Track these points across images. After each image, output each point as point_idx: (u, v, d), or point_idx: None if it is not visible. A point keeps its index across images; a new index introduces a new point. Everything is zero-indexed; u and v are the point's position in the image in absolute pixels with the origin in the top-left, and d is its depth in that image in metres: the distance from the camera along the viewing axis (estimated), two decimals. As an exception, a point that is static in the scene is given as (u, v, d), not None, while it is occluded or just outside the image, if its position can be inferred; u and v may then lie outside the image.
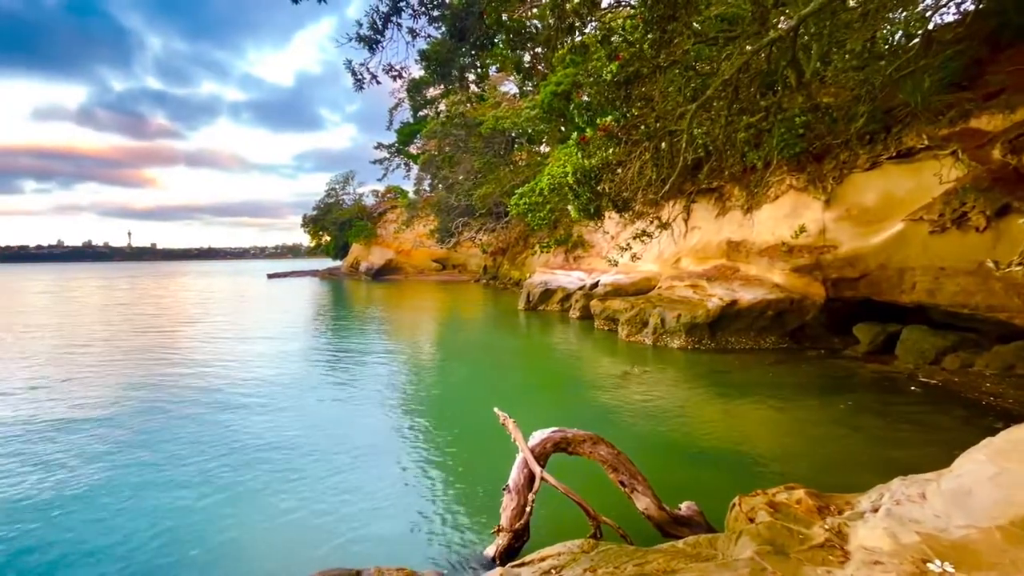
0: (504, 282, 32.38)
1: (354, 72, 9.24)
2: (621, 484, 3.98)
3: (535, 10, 11.24)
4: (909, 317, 9.99)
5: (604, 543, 3.26)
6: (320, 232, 53.01)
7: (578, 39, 10.02)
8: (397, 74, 9.63)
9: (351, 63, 9.18)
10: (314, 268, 56.49)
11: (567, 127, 19.52)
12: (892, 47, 8.43)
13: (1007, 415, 6.67)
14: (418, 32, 9.32)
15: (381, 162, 46.48)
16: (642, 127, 8.18)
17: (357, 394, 8.66)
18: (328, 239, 52.92)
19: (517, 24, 9.97)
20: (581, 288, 18.59)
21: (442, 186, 39.03)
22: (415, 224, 43.73)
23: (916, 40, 7.97)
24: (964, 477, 2.58)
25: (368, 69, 9.24)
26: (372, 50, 9.04)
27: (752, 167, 11.65)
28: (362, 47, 8.97)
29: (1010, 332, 8.36)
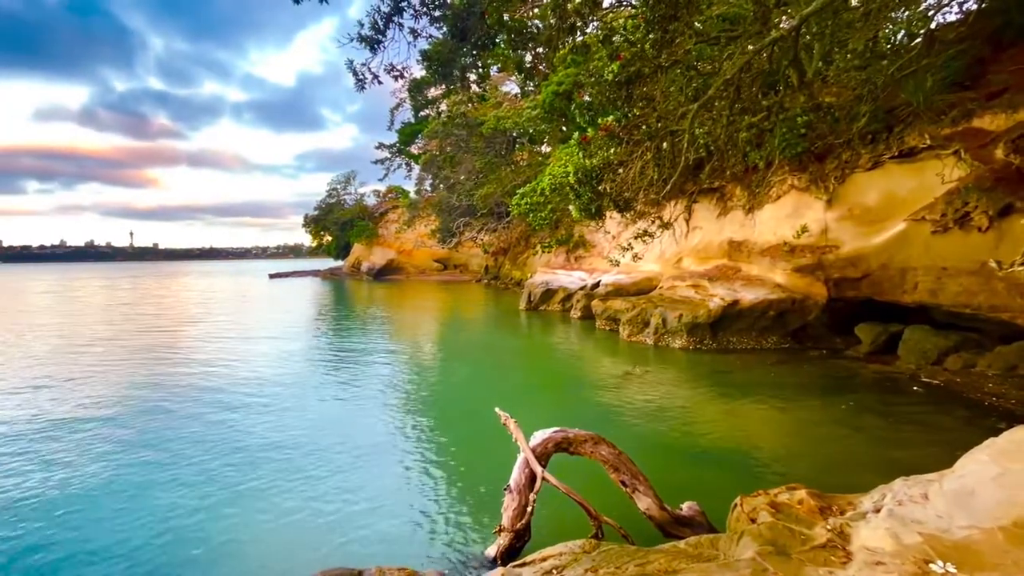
0: (505, 282, 32.38)
1: (356, 72, 9.24)
2: (622, 484, 3.98)
3: (536, 10, 11.24)
4: (911, 317, 9.97)
5: (605, 543, 3.26)
6: (322, 232, 53.09)
7: (579, 39, 10.03)
8: (398, 74, 9.63)
9: (353, 63, 9.17)
10: (316, 268, 56.57)
11: (568, 127, 19.52)
12: (894, 46, 8.41)
13: (1010, 415, 6.65)
14: (419, 32, 9.32)
15: (382, 162, 46.58)
16: (643, 127, 8.17)
17: (359, 394, 8.67)
18: (330, 239, 53.00)
19: (518, 24, 9.96)
20: (582, 288, 18.58)
21: (443, 186, 39.07)
22: (416, 224, 43.78)
23: (918, 39, 7.95)
24: (967, 478, 2.58)
25: (370, 69, 9.24)
26: (373, 50, 9.04)
27: (754, 167, 11.63)
28: (364, 47, 8.96)
29: (1013, 332, 8.33)
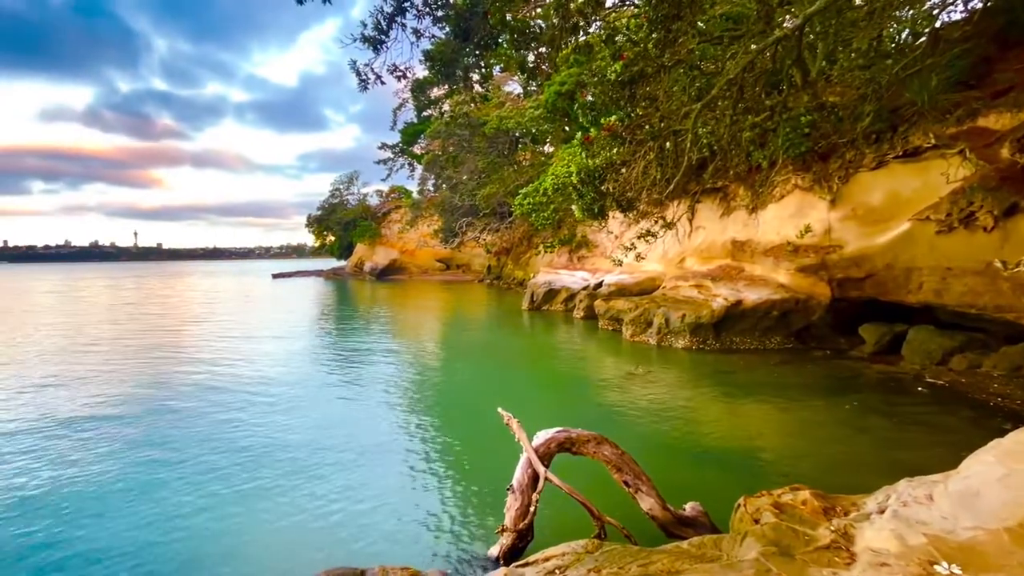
0: (508, 282, 32.38)
1: (359, 72, 9.26)
2: (625, 484, 3.98)
3: (539, 10, 11.23)
4: (915, 317, 9.92)
5: (608, 543, 3.25)
6: (324, 232, 53.21)
7: (582, 39, 9.99)
8: (401, 74, 9.64)
9: (356, 64, 9.19)
10: (319, 268, 56.72)
11: (571, 127, 19.51)
12: (899, 45, 8.38)
13: (1015, 416, 6.61)
14: (422, 32, 9.33)
15: (385, 162, 46.64)
16: (646, 127, 8.16)
17: (362, 393, 8.69)
18: (332, 239, 53.11)
19: (521, 24, 9.96)
20: (585, 288, 18.56)
21: (446, 186, 39.10)
22: (419, 224, 43.84)
23: (923, 38, 7.91)
24: (972, 479, 2.56)
25: (372, 69, 9.25)
26: (376, 50, 9.05)
27: (757, 167, 11.60)
28: (366, 48, 8.98)
29: (1018, 332, 8.28)
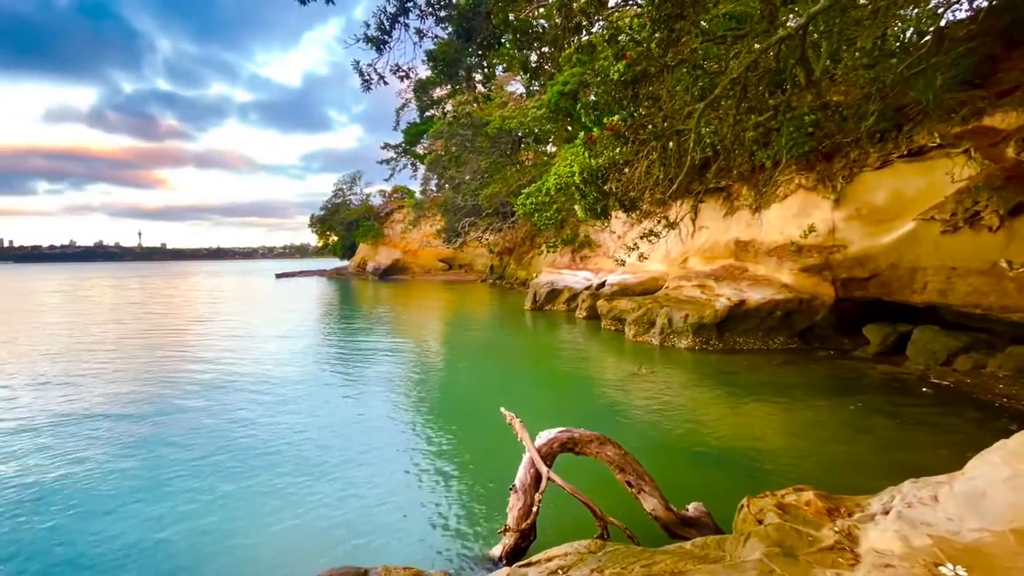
0: (510, 282, 32.38)
1: (362, 73, 9.28)
2: (628, 485, 3.97)
3: (542, 10, 11.22)
4: (920, 317, 9.87)
5: (611, 544, 3.25)
6: (327, 232, 53.34)
7: (585, 38, 9.99)
8: (404, 75, 9.66)
9: (359, 64, 9.21)
10: (321, 268, 56.87)
11: (574, 127, 19.48)
12: (903, 44, 8.33)
13: (1021, 417, 6.58)
14: (425, 32, 9.34)
15: (388, 162, 46.70)
16: (649, 126, 8.14)
17: (366, 392, 8.70)
18: (335, 239, 53.24)
19: (524, 24, 9.96)
20: (588, 288, 18.54)
21: (449, 186, 39.11)
22: (422, 224, 43.88)
23: (928, 37, 7.87)
24: (977, 480, 2.55)
25: (375, 70, 9.27)
26: (379, 51, 9.07)
27: (761, 166, 11.57)
28: (369, 48, 9.00)
29: (1024, 333, 8.25)
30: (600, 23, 9.89)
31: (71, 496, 4.98)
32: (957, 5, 8.40)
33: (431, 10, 9.15)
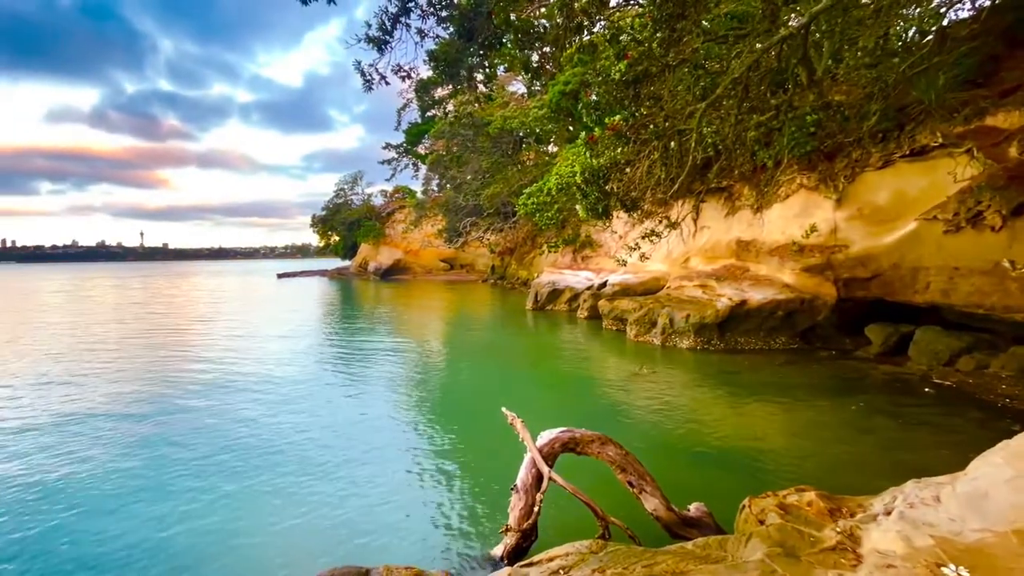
0: (512, 282, 32.39)
1: (363, 73, 9.30)
2: (629, 485, 3.97)
3: (543, 9, 11.22)
4: (922, 318, 9.85)
5: (613, 544, 3.25)
6: (329, 232, 53.39)
7: (586, 38, 9.99)
8: (406, 74, 9.69)
9: (360, 64, 9.24)
10: (323, 268, 56.93)
11: (575, 126, 19.48)
12: (905, 44, 8.31)
13: (1023, 417, 6.56)
14: (426, 32, 9.37)
15: (389, 162, 46.75)
16: (651, 126, 8.14)
17: (368, 392, 8.71)
18: (337, 239, 53.29)
19: (525, 24, 9.96)
20: (589, 288, 18.54)
21: (450, 186, 39.12)
22: (423, 224, 43.89)
23: (930, 37, 7.85)
24: (980, 480, 2.54)
25: (377, 70, 9.31)
26: (381, 51, 9.09)
27: (762, 166, 11.55)
28: (371, 48, 9.02)
29: (1027, 333, 8.22)
30: (601, 23, 9.89)
31: (74, 495, 5.00)
32: (959, 4, 8.37)
33: (432, 10, 9.17)
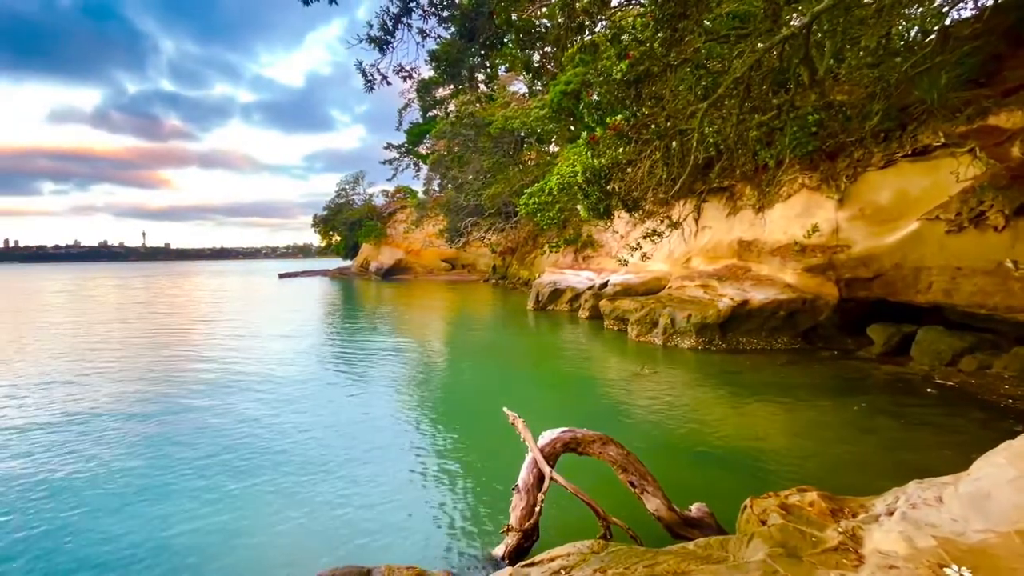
0: (513, 282, 32.40)
1: (365, 73, 9.32)
2: (631, 485, 3.97)
3: (544, 9, 11.22)
4: (924, 318, 9.83)
5: (614, 544, 3.25)
6: (330, 232, 53.46)
7: (588, 38, 10.00)
8: (407, 75, 9.70)
9: (362, 64, 9.25)
10: (324, 268, 56.99)
11: (577, 126, 19.47)
12: (908, 43, 8.29)
13: (1026, 418, 6.55)
14: (428, 33, 9.37)
15: (391, 162, 46.75)
16: (652, 126, 8.14)
17: (370, 392, 8.73)
18: (338, 239, 53.34)
19: (527, 23, 9.97)
20: (590, 288, 18.53)
21: (451, 186, 39.13)
22: (424, 224, 43.90)
23: (932, 36, 7.83)
24: (982, 481, 2.54)
25: (378, 70, 9.32)
26: (382, 51, 9.10)
27: (764, 166, 11.53)
28: (372, 48, 9.04)
29: (1029, 333, 8.20)
30: (603, 23, 9.89)
31: (78, 494, 5.02)
32: (962, 4, 8.34)
33: (434, 10, 9.17)
